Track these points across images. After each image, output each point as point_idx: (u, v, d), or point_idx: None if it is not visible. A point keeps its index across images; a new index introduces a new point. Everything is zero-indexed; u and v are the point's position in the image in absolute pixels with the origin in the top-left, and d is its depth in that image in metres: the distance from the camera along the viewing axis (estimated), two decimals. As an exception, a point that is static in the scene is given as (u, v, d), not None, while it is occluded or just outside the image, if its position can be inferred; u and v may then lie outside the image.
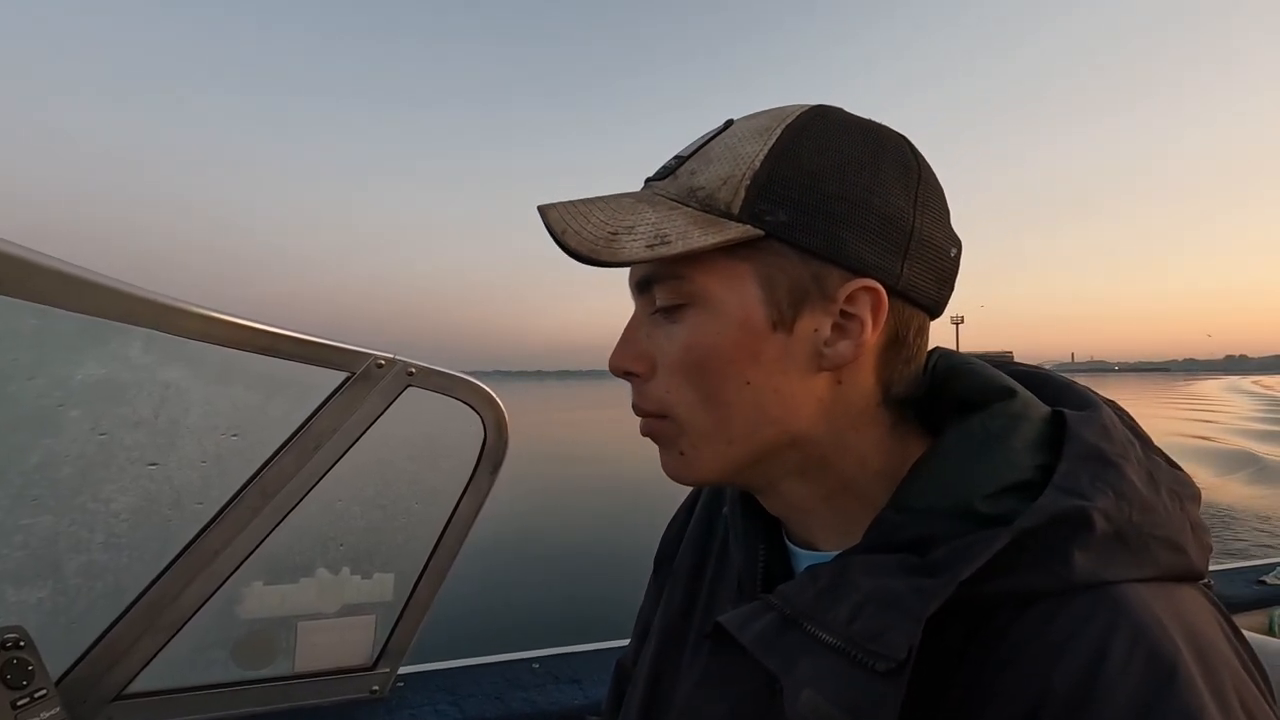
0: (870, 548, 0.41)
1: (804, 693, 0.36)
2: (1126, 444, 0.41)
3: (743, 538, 0.53)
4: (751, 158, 0.43)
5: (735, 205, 0.42)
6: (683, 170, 0.46)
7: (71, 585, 0.94)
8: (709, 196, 0.43)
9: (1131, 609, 0.34)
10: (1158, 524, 0.38)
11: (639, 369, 0.47)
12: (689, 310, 0.44)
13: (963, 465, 0.41)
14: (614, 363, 0.48)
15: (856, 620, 0.36)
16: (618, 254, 0.42)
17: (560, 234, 0.43)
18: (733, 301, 0.43)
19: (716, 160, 0.44)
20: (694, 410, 0.44)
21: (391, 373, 1.08)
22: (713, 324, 0.43)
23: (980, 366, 0.47)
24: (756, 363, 0.43)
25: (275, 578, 1.09)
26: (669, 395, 0.45)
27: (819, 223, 0.42)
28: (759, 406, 0.43)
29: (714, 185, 0.43)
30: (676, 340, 0.45)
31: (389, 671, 1.20)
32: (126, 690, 1.01)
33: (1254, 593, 1.80)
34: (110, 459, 0.94)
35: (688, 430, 0.45)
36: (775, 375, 0.43)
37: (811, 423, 0.44)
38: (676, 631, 0.58)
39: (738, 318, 0.43)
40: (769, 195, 0.42)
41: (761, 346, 0.43)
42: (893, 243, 0.43)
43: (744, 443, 0.44)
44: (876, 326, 0.43)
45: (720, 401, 0.44)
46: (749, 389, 0.43)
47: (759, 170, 0.42)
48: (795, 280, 0.42)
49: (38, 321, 0.81)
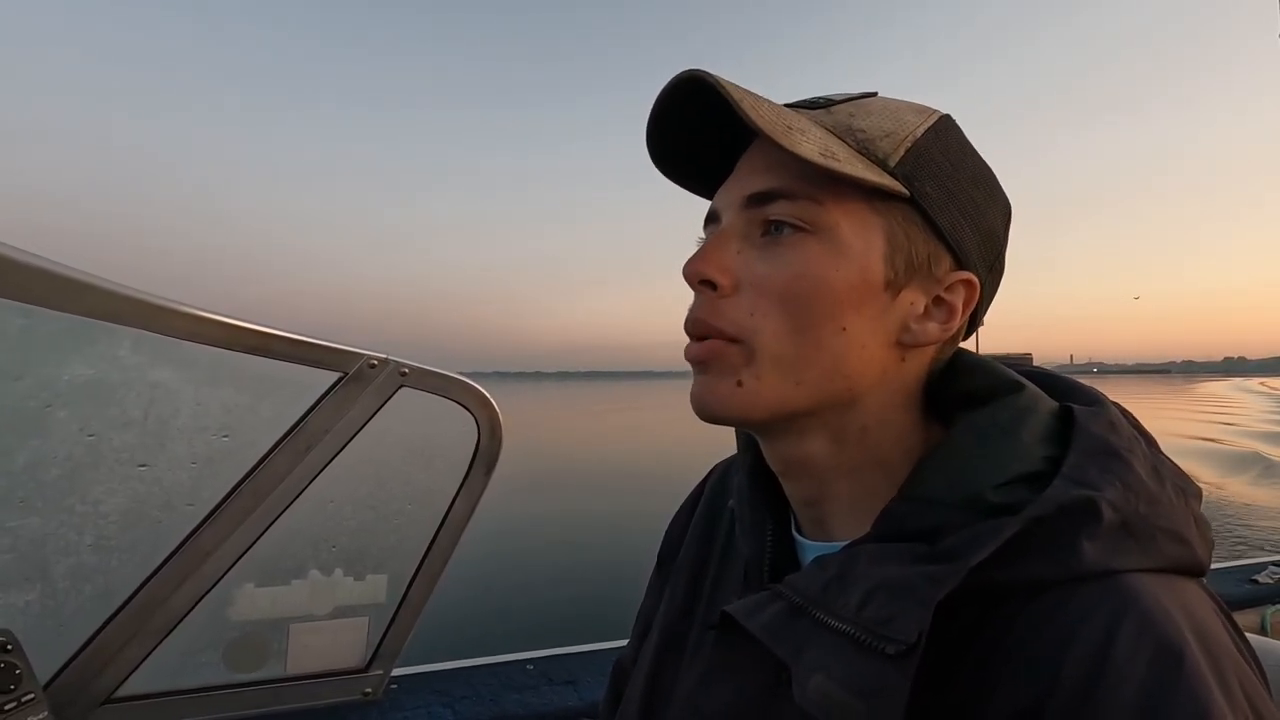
0: (879, 537, 0.41)
1: (813, 678, 0.36)
2: (1132, 439, 0.42)
3: (750, 528, 0.53)
4: (914, 126, 0.45)
5: (892, 160, 0.43)
6: (839, 109, 0.46)
7: (60, 588, 0.93)
8: (868, 141, 0.44)
9: (1139, 597, 0.34)
10: (1163, 516, 0.39)
11: (724, 280, 0.44)
12: (809, 238, 0.43)
13: (972, 456, 0.41)
14: (696, 267, 0.45)
15: (867, 606, 0.37)
16: (796, 145, 0.40)
17: (739, 100, 0.40)
18: (858, 246, 0.43)
19: (877, 114, 0.45)
20: (779, 340, 0.43)
21: (384, 373, 1.07)
22: (833, 259, 0.43)
23: (989, 363, 0.48)
24: (859, 313, 0.43)
25: (267, 579, 1.09)
26: (753, 318, 0.43)
27: (952, 208, 0.44)
28: (843, 356, 0.43)
29: (876, 134, 0.44)
30: (785, 265, 0.43)
31: (382, 674, 1.19)
32: (116, 694, 1.00)
33: (1246, 592, 1.81)
34: (99, 460, 0.93)
35: (760, 359, 0.43)
36: (867, 332, 0.43)
37: (871, 389, 0.45)
38: (678, 627, 0.58)
39: (859, 263, 0.43)
40: (922, 164, 0.44)
41: (869, 299, 0.43)
42: (987, 255, 0.47)
43: (812, 387, 0.43)
44: (962, 318, 0.46)
45: (810, 339, 0.43)
46: (843, 336, 0.43)
47: (920, 139, 0.44)
48: (917, 250, 0.44)
49: (24, 321, 0.80)
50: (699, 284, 0.45)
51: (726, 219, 0.46)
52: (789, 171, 0.43)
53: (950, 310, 0.45)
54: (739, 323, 0.44)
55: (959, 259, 0.45)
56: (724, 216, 0.47)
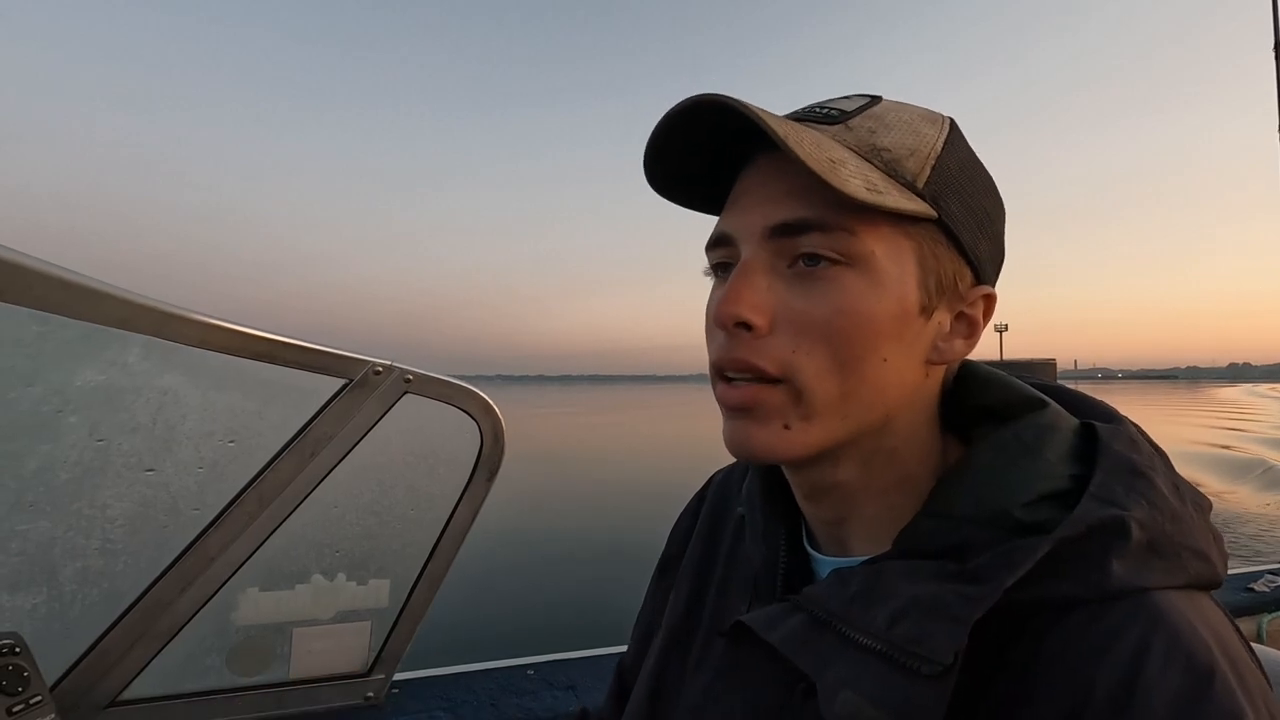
0: (905, 554, 0.41)
1: (842, 693, 0.36)
2: (1152, 456, 0.42)
3: (763, 538, 0.52)
4: (933, 140, 0.43)
5: (920, 181, 0.41)
6: (857, 124, 0.43)
7: (67, 591, 0.94)
8: (895, 161, 0.41)
9: (1167, 615, 0.35)
10: (1187, 534, 0.39)
11: (760, 321, 0.41)
12: (843, 270, 0.41)
13: (998, 473, 0.41)
14: (729, 309, 0.41)
15: (898, 624, 0.37)
16: (845, 183, 0.38)
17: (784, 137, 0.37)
18: (894, 275, 0.41)
19: (895, 128, 0.43)
20: (823, 378, 0.41)
21: (389, 380, 1.08)
22: (873, 291, 0.41)
23: (1005, 377, 0.48)
24: (899, 342, 0.42)
25: (271, 584, 1.09)
26: (796, 356, 0.41)
27: (972, 224, 0.43)
28: (885, 386, 0.42)
29: (901, 152, 0.42)
30: (825, 300, 0.41)
31: (384, 678, 1.20)
32: (121, 697, 1.00)
33: (1243, 599, 1.81)
34: (107, 465, 0.94)
35: (808, 400, 0.41)
36: (905, 358, 0.43)
37: (901, 411, 0.44)
38: (682, 632, 0.58)
39: (897, 292, 0.41)
40: (946, 183, 0.42)
41: (907, 327, 0.42)
42: (995, 263, 0.46)
43: (856, 420, 0.42)
44: (981, 332, 0.45)
45: (854, 374, 0.41)
46: (885, 366, 0.42)
47: (941, 155, 0.43)
48: (945, 271, 0.43)
49: (38, 328, 0.81)
50: (734, 326, 0.42)
51: (748, 250, 0.43)
52: (820, 200, 0.40)
53: (972, 325, 0.45)
54: (785, 362, 0.41)
55: (977, 274, 0.45)
56: (743, 247, 0.43)
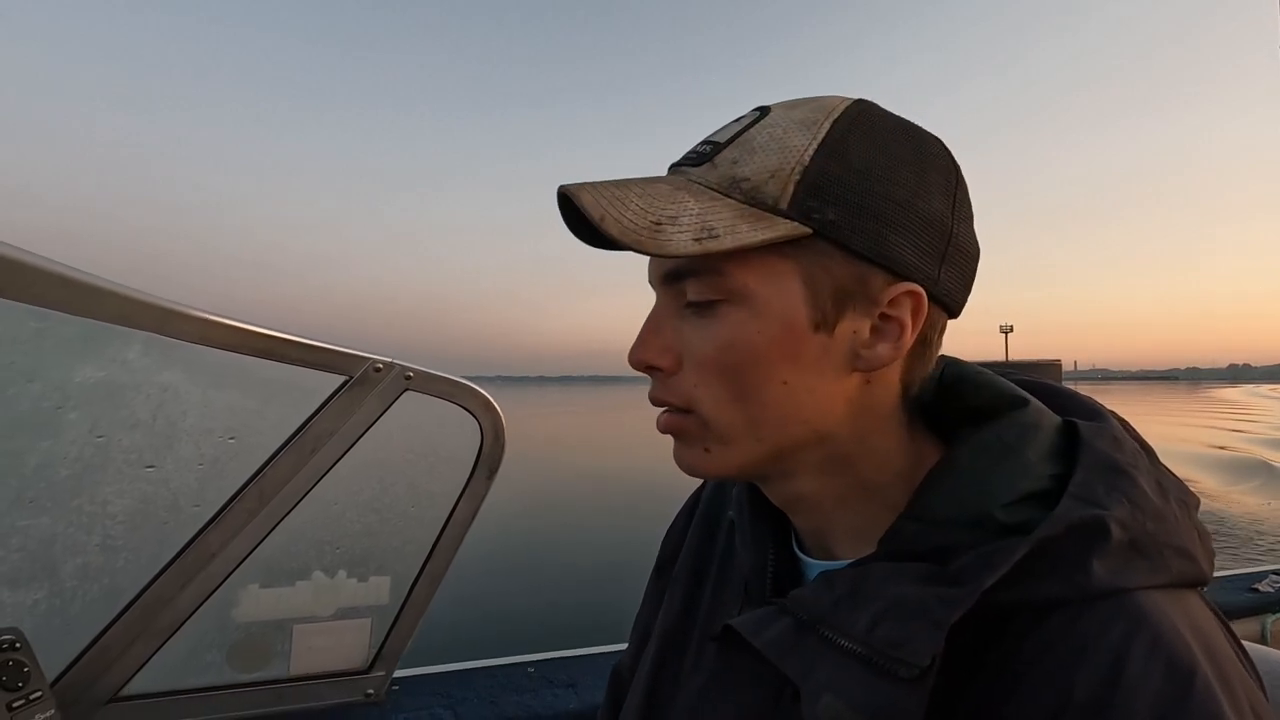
0: (889, 556, 0.41)
1: (824, 697, 0.36)
2: (1136, 453, 0.42)
3: (751, 542, 0.52)
4: (800, 151, 0.41)
5: (784, 200, 0.40)
6: (721, 158, 0.43)
7: (68, 587, 0.94)
8: (755, 189, 0.41)
9: (1149, 616, 0.35)
10: (1170, 532, 0.39)
11: (664, 364, 0.45)
12: (726, 306, 0.42)
13: (979, 475, 0.41)
14: (636, 356, 0.46)
15: (878, 627, 0.37)
16: (664, 246, 0.39)
17: (599, 220, 0.39)
18: (775, 300, 0.41)
19: (761, 150, 0.42)
20: (724, 408, 0.43)
21: (389, 377, 1.08)
22: (753, 323, 0.42)
23: (991, 376, 0.48)
24: (795, 363, 0.42)
25: (271, 580, 1.09)
26: (698, 390, 0.44)
27: (867, 223, 0.41)
28: (792, 406, 0.43)
29: (760, 177, 0.41)
30: (712, 337, 0.43)
31: (384, 675, 1.20)
32: (122, 692, 1.01)
33: (1246, 600, 1.80)
34: (108, 461, 0.94)
35: (714, 428, 0.44)
36: (811, 375, 0.42)
37: (839, 422, 0.44)
38: (677, 635, 0.57)
39: (780, 317, 0.41)
40: (818, 192, 0.40)
41: (802, 347, 0.42)
42: (933, 247, 0.42)
43: (772, 440, 0.44)
44: (915, 329, 0.42)
45: (754, 401, 0.43)
46: (785, 389, 0.42)
47: (809, 165, 0.41)
48: (840, 281, 0.41)
49: (37, 324, 0.81)
50: (643, 370, 0.46)
51: (657, 296, 0.47)
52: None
53: (899, 325, 0.42)
54: (688, 395, 0.44)
55: (894, 270, 0.42)
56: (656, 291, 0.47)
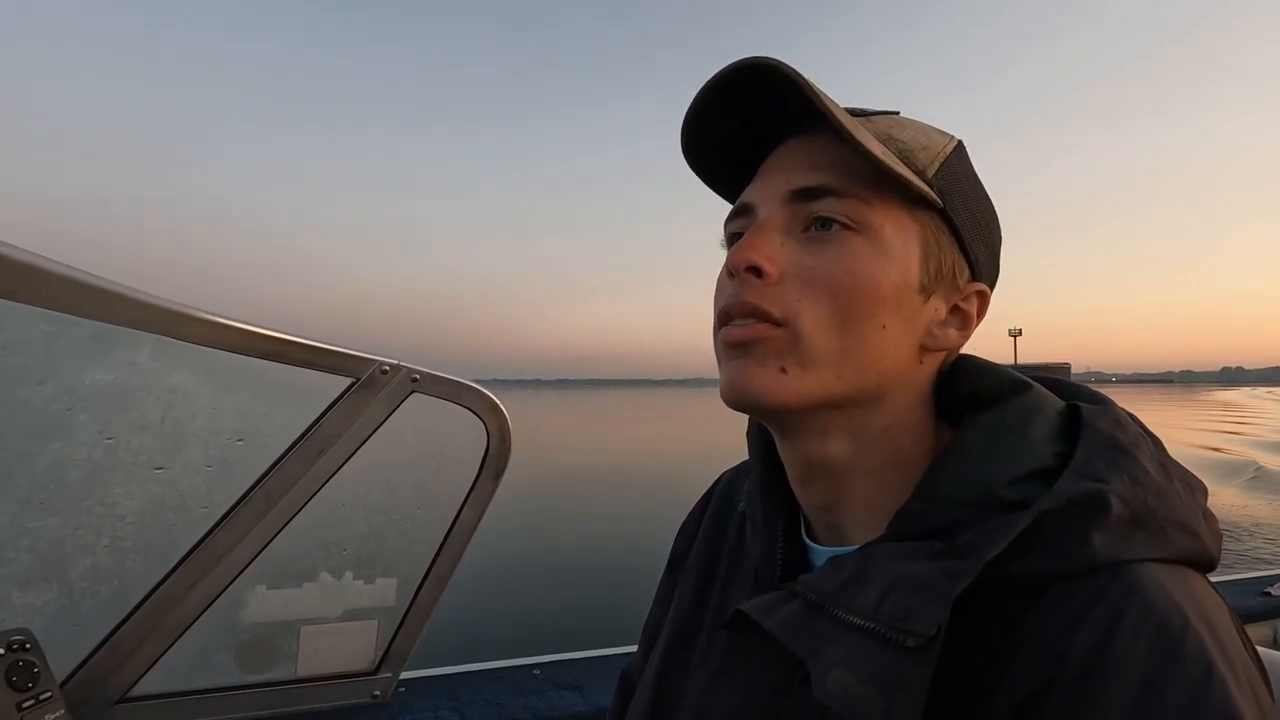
0: (896, 537, 0.42)
1: (832, 673, 0.37)
2: (1138, 435, 0.43)
3: (762, 529, 0.53)
4: (944, 144, 0.47)
5: (929, 171, 0.45)
6: (878, 119, 0.47)
7: (77, 588, 0.95)
8: (908, 151, 0.45)
9: (1144, 585, 0.35)
10: (1172, 508, 0.39)
11: (771, 269, 0.44)
12: (854, 236, 0.44)
13: (983, 455, 0.42)
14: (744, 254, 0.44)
15: (886, 602, 0.37)
16: (868, 141, 0.42)
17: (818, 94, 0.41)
18: (899, 249, 0.44)
19: (911, 129, 0.47)
20: (823, 330, 0.43)
21: (396, 379, 1.09)
22: (879, 260, 0.44)
23: (994, 365, 0.49)
24: (898, 313, 0.44)
25: (279, 582, 1.10)
26: (800, 304, 0.43)
27: (972, 224, 0.48)
28: (880, 353, 0.44)
29: (914, 145, 0.46)
30: (833, 259, 0.44)
31: (391, 676, 1.20)
32: (130, 693, 1.01)
33: (1259, 604, 1.79)
34: (117, 463, 0.95)
35: (804, 348, 0.43)
36: (902, 331, 0.45)
37: (898, 387, 0.46)
38: (688, 628, 0.58)
39: (900, 264, 0.44)
40: (952, 181, 0.46)
41: (906, 301, 0.45)
42: (991, 273, 0.50)
43: (849, 382, 0.44)
44: (974, 326, 0.48)
45: (854, 333, 0.43)
46: (883, 333, 0.44)
47: (949, 156, 0.47)
48: (945, 260, 0.46)
49: (48, 327, 0.82)
50: (745, 271, 0.44)
51: (765, 212, 0.46)
52: (838, 170, 0.44)
53: (966, 318, 0.48)
54: (788, 308, 0.43)
55: (974, 272, 0.48)
56: (761, 210, 0.47)
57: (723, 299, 0.46)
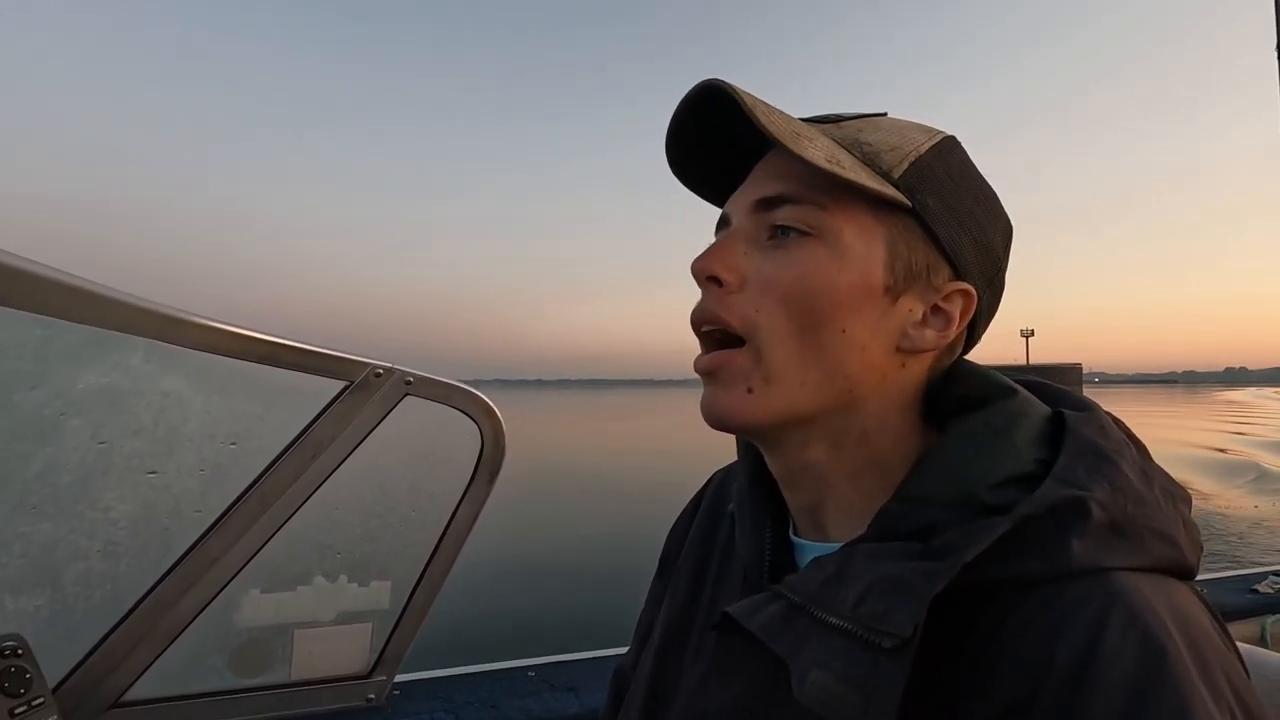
0: (876, 537, 0.42)
1: (811, 673, 0.37)
2: (1121, 443, 0.43)
3: (750, 531, 0.54)
4: (918, 144, 0.47)
5: (896, 172, 0.45)
6: (847, 124, 0.48)
7: (70, 593, 0.95)
8: (874, 154, 0.46)
9: (1126, 593, 0.35)
10: (1151, 516, 0.40)
11: (730, 277, 0.46)
12: (812, 241, 0.45)
13: (966, 458, 0.42)
14: (704, 264, 0.46)
15: (864, 603, 0.37)
16: (803, 149, 0.42)
17: (751, 107, 0.42)
18: (859, 252, 0.45)
19: (884, 130, 0.47)
20: (781, 340, 0.44)
21: (389, 382, 1.09)
22: (834, 263, 0.44)
23: (983, 369, 0.49)
24: (858, 315, 0.44)
25: (272, 585, 1.10)
26: (758, 315, 0.45)
27: (952, 221, 0.47)
28: (843, 358, 0.44)
29: (881, 147, 0.46)
30: (789, 266, 0.45)
31: (385, 679, 1.20)
32: (123, 698, 1.01)
33: (1246, 601, 1.80)
34: (110, 467, 0.94)
35: (766, 361, 0.44)
36: (867, 333, 0.45)
37: (871, 392, 0.46)
38: (679, 629, 0.58)
39: (859, 267, 0.44)
40: (924, 179, 0.46)
41: (868, 303, 0.45)
42: (986, 269, 0.48)
43: (815, 389, 0.44)
44: (959, 327, 0.47)
45: (812, 339, 0.44)
46: (842, 338, 0.44)
47: (923, 155, 0.47)
48: (916, 260, 0.46)
49: (41, 332, 0.82)
50: (706, 280, 0.46)
51: (736, 222, 0.48)
52: (797, 179, 0.45)
53: (947, 319, 0.47)
54: (745, 317, 0.45)
55: (958, 270, 0.47)
56: (734, 220, 0.48)
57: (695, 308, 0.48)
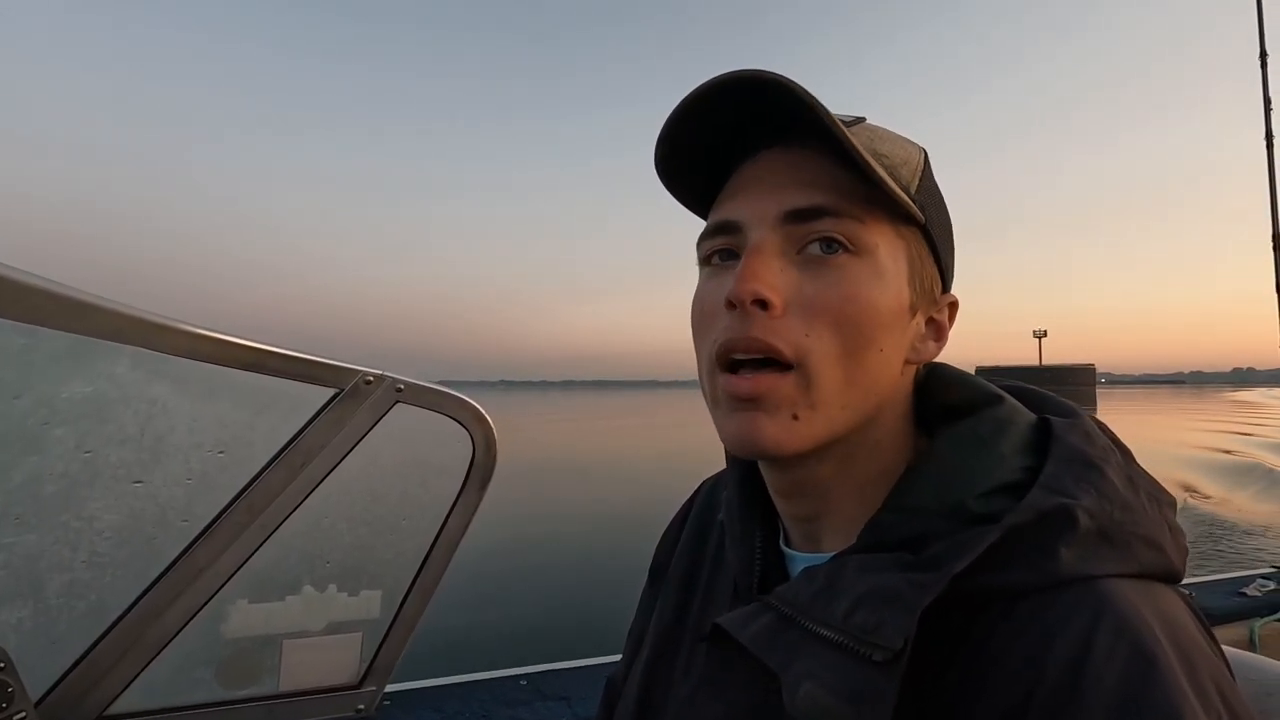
0: (867, 547, 0.42)
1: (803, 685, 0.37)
2: (1107, 449, 0.43)
3: (740, 541, 0.53)
4: (918, 158, 0.47)
5: (912, 187, 0.45)
6: (858, 131, 0.45)
7: (54, 604, 0.93)
8: (893, 167, 0.44)
9: (1115, 601, 0.35)
10: (1138, 522, 0.40)
11: (777, 300, 0.42)
12: (854, 259, 0.43)
13: (954, 467, 0.42)
14: (746, 287, 0.41)
15: (855, 614, 0.37)
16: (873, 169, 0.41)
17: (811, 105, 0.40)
18: (892, 269, 0.44)
19: (890, 142, 0.46)
20: (831, 364, 0.42)
21: (380, 389, 1.08)
22: (876, 282, 0.43)
23: (968, 376, 0.49)
24: (890, 334, 0.44)
25: (261, 595, 1.09)
26: (809, 340, 0.42)
27: (945, 235, 0.48)
28: (880, 378, 0.44)
29: (897, 159, 0.45)
30: (836, 285, 0.42)
31: (375, 690, 1.19)
32: (108, 711, 0.99)
33: (1235, 604, 1.81)
34: (95, 477, 0.93)
35: (815, 386, 0.42)
36: (896, 351, 0.45)
37: (889, 404, 0.46)
38: (670, 639, 0.58)
39: (894, 286, 0.44)
40: (928, 195, 0.46)
41: (898, 321, 0.44)
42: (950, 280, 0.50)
43: (853, 411, 0.43)
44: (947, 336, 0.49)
45: (857, 362, 0.42)
46: (880, 357, 0.43)
47: (924, 171, 0.47)
48: (926, 275, 0.47)
49: (25, 340, 0.81)
50: (752, 304, 0.42)
51: (757, 234, 0.44)
52: (831, 189, 0.43)
53: (940, 329, 0.48)
54: (798, 345, 0.41)
55: (945, 284, 0.49)
56: (752, 232, 0.44)
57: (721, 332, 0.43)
